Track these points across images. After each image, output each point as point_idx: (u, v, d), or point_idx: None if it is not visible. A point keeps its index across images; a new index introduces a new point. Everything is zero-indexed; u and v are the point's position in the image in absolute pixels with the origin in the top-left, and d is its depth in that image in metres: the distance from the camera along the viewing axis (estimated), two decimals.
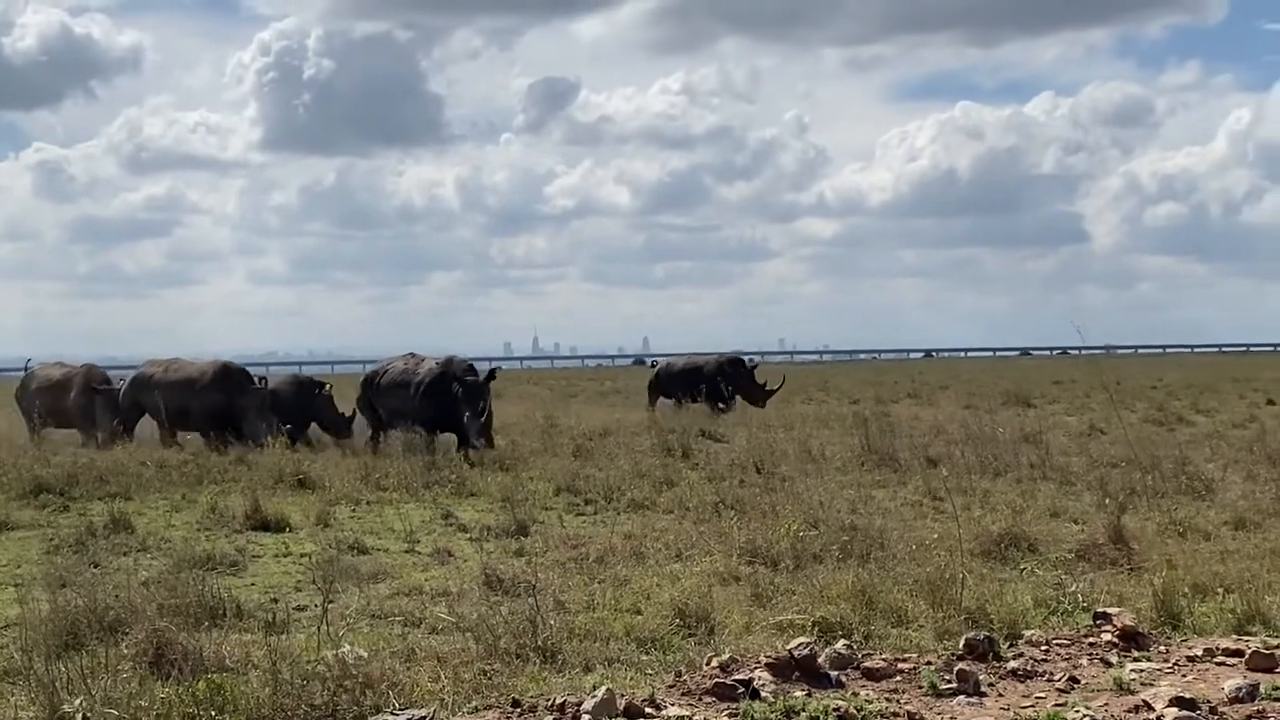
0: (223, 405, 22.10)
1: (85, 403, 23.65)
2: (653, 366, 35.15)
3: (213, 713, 6.52)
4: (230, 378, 22.62)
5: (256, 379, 22.88)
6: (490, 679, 7.32)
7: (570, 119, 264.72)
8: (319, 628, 7.72)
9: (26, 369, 25.94)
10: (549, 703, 6.79)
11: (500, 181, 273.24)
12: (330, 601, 8.64)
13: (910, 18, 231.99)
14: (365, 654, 7.23)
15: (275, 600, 9.64)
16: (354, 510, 14.59)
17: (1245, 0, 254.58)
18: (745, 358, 32.74)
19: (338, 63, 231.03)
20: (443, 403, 20.63)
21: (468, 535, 12.74)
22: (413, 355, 22.55)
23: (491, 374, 21.41)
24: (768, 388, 30.96)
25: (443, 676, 7.24)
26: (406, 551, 11.91)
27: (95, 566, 10.88)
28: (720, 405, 29.79)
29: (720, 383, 30.40)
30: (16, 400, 25.29)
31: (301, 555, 11.60)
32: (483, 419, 20.26)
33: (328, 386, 23.87)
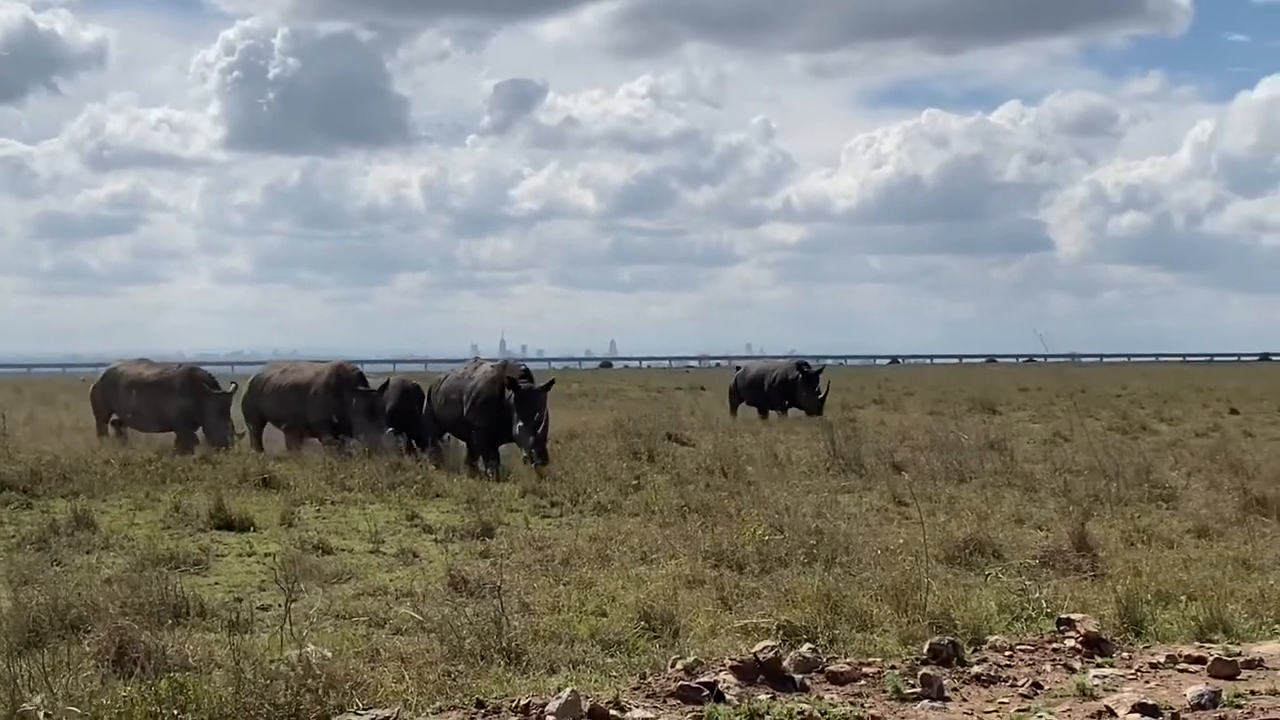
0: (337, 410, 20.75)
1: (190, 406, 21.77)
2: (737, 368, 34.25)
3: (175, 711, 6.48)
4: (344, 382, 21.14)
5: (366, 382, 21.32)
6: (454, 680, 7.30)
7: (536, 121, 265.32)
8: (282, 627, 7.70)
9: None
10: (513, 704, 6.77)
11: (466, 183, 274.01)
12: (294, 601, 8.60)
13: (872, 25, 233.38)
14: (329, 654, 7.20)
15: (239, 600, 9.59)
16: (319, 510, 14.54)
17: (1208, 11, 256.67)
18: (808, 362, 31.57)
19: (303, 62, 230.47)
20: (499, 411, 18.71)
21: (433, 536, 12.71)
22: (476, 360, 21.13)
23: (549, 385, 19.38)
24: (819, 395, 29.75)
25: (407, 677, 7.23)
26: (371, 552, 11.87)
27: (57, 564, 10.81)
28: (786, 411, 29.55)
29: (786, 389, 29.99)
30: (92, 398, 23.70)
31: (265, 555, 11.54)
32: (537, 430, 18.20)
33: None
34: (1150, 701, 6.70)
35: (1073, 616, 8.45)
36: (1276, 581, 9.76)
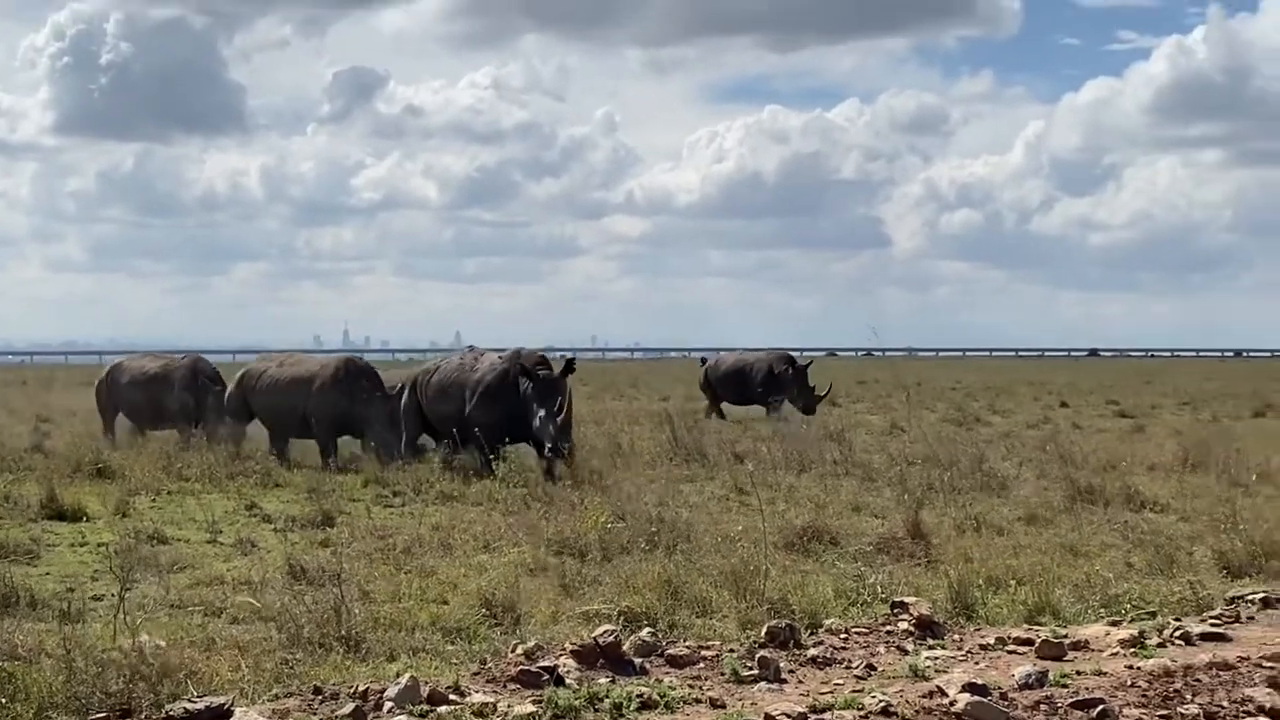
0: (344, 409, 18.70)
1: (191, 401, 20.53)
2: (703, 361, 31.97)
3: (2, 700, 6.34)
4: (354, 377, 19.06)
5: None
6: (292, 668, 7.24)
7: (377, 111, 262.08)
8: (116, 617, 7.56)
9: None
10: (351, 690, 6.72)
11: (306, 172, 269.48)
12: (128, 591, 8.43)
13: (709, 21, 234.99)
14: (163, 643, 7.09)
15: (71, 590, 9.38)
16: (154, 500, 14.29)
17: (1038, 14, 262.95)
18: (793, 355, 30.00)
19: (136, 47, 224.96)
20: (508, 406, 17.12)
21: (272, 526, 12.56)
22: (471, 349, 19.34)
23: (569, 365, 17.67)
24: (818, 392, 27.93)
25: (243, 665, 7.14)
26: (208, 542, 11.69)
27: None
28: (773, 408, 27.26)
29: (772, 383, 27.93)
30: (97, 396, 22.28)
31: (99, 545, 11.30)
32: (560, 418, 16.71)
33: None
34: (980, 681, 6.86)
35: (906, 600, 8.63)
36: (1102, 567, 10.04)
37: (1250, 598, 9.13)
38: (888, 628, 8.25)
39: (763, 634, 7.89)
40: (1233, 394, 38.43)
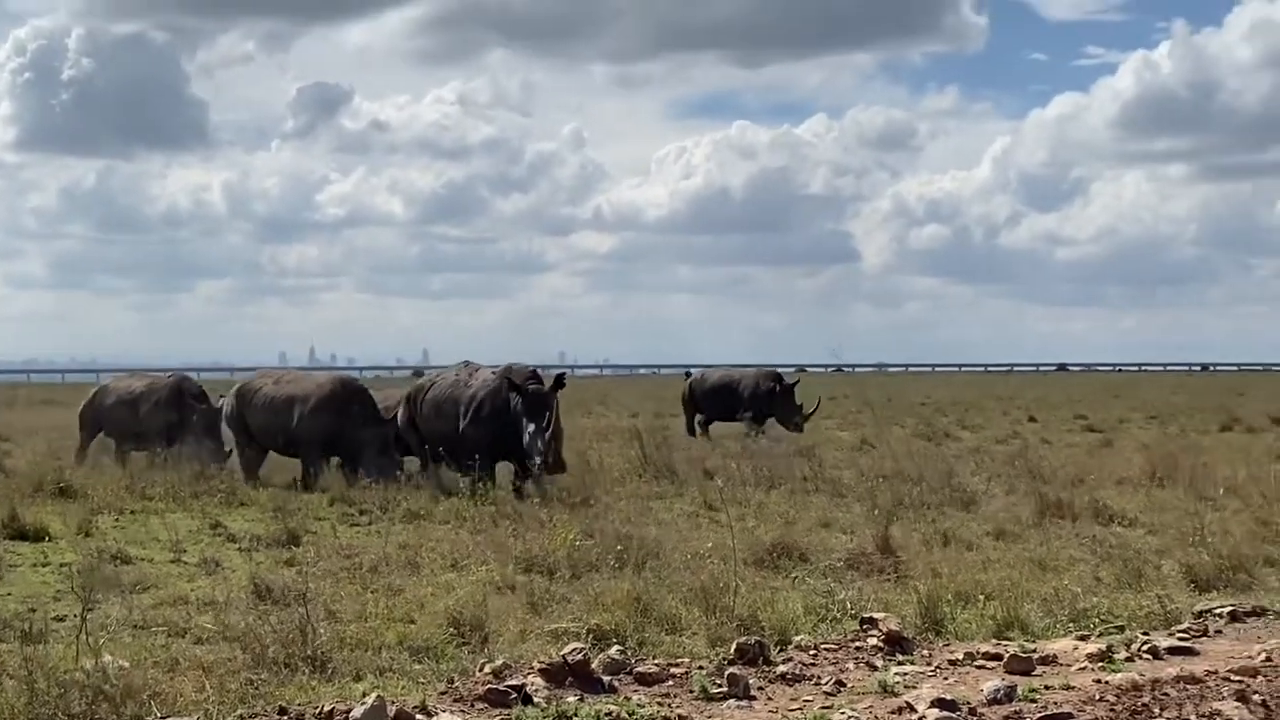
0: (334, 430, 18.16)
1: (175, 420, 19.84)
2: (687, 375, 31.03)
3: None
4: (349, 397, 18.57)
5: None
6: (257, 688, 7.17)
7: (342, 126, 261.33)
8: (78, 637, 7.47)
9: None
10: (317, 710, 6.66)
11: (270, 188, 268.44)
12: (90, 611, 8.33)
13: (676, 37, 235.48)
14: (126, 664, 7.02)
15: (33, 610, 9.27)
16: (118, 519, 14.17)
17: (1004, 30, 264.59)
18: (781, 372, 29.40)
19: (98, 63, 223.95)
20: (500, 424, 16.83)
21: (237, 545, 12.47)
22: (467, 364, 18.55)
23: (559, 380, 17.28)
24: (805, 410, 27.38)
25: (207, 686, 7.07)
26: (172, 561, 11.60)
27: None
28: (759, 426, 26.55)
29: (759, 400, 27.40)
30: (80, 419, 21.51)
31: (61, 565, 11.19)
32: (548, 434, 16.41)
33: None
34: (949, 697, 6.85)
35: (875, 616, 8.61)
36: (1070, 581, 10.04)
37: (1218, 611, 9.16)
38: (857, 644, 8.23)
39: (732, 651, 7.86)
40: (1200, 408, 38.62)
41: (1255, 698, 6.93)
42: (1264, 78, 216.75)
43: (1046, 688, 7.24)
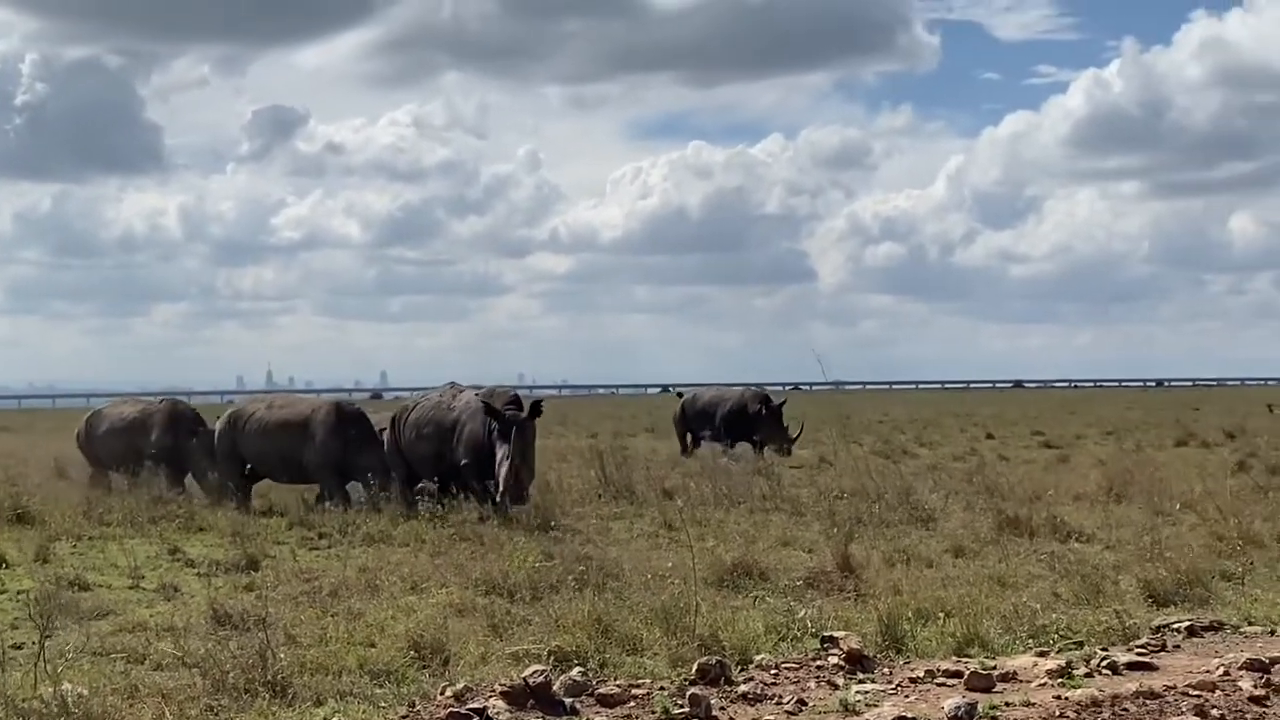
0: (339, 453, 17.84)
1: (170, 445, 19.54)
2: (679, 395, 30.63)
3: None
4: (346, 421, 18.28)
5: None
6: (217, 715, 7.15)
7: (297, 149, 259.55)
8: (36, 665, 7.42)
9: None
10: None
11: (226, 211, 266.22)
12: (49, 638, 8.30)
13: (629, 58, 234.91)
14: (85, 691, 6.97)
15: None
16: (75, 546, 14.06)
17: (957, 49, 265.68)
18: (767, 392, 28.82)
19: (52, 87, 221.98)
20: (478, 448, 16.70)
21: (195, 570, 12.39)
22: (453, 385, 18.33)
23: (536, 407, 16.99)
24: (791, 433, 26.99)
25: (167, 713, 7.03)
26: (131, 587, 11.52)
27: None
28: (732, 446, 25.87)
29: (746, 421, 26.92)
30: (79, 447, 21.22)
31: (19, 592, 11.10)
32: (513, 464, 16.01)
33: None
34: (910, 715, 6.88)
35: (836, 635, 8.63)
36: (1029, 598, 10.08)
37: (1176, 626, 9.22)
38: (818, 662, 8.25)
39: (693, 671, 7.87)
40: (1155, 423, 38.90)
41: (1214, 712, 6.99)
42: (1213, 95, 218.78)
43: (1007, 704, 7.28)
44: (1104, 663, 8.11)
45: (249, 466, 18.87)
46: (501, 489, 15.93)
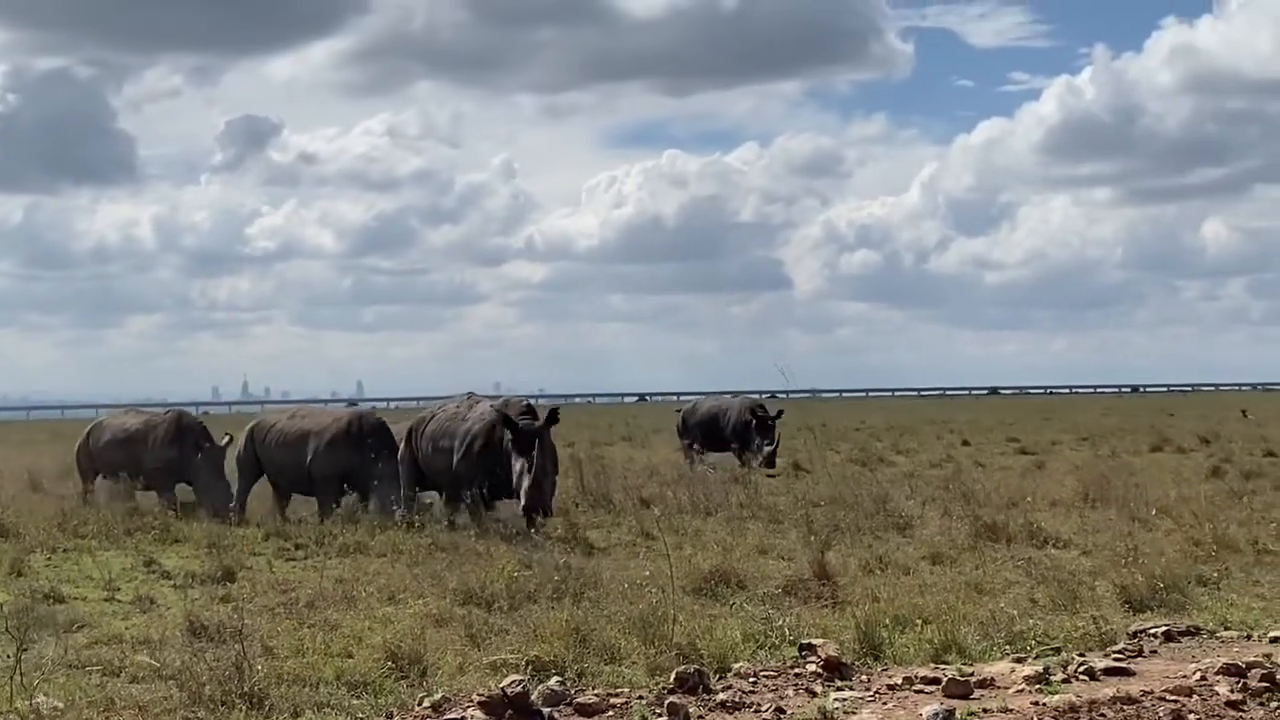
0: (353, 464, 17.45)
1: (173, 458, 19.17)
2: (677, 411, 30.61)
3: None
4: (366, 432, 17.86)
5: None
6: None
7: (271, 159, 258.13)
8: (12, 678, 7.38)
9: None
10: None
11: (200, 221, 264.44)
12: (24, 651, 8.24)
13: (602, 67, 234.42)
14: (61, 704, 6.94)
15: None
16: (50, 558, 13.99)
17: (930, 56, 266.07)
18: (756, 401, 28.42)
19: (23, 98, 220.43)
20: (494, 458, 16.27)
21: (171, 582, 12.35)
22: (470, 396, 17.90)
23: (552, 415, 16.42)
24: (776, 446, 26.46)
25: None
26: (106, 600, 11.47)
27: None
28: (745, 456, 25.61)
29: (741, 431, 26.70)
30: (77, 460, 20.83)
31: None
32: (534, 474, 15.47)
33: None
34: None
35: (814, 642, 8.63)
36: (1006, 604, 10.12)
37: (1152, 631, 9.25)
38: (796, 670, 8.25)
39: (671, 680, 7.86)
40: (1130, 429, 39.02)
41: (1191, 717, 7.02)
42: (1184, 102, 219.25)
43: (985, 710, 7.29)
44: (1081, 668, 8.12)
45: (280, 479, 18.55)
46: (524, 502, 15.57)
